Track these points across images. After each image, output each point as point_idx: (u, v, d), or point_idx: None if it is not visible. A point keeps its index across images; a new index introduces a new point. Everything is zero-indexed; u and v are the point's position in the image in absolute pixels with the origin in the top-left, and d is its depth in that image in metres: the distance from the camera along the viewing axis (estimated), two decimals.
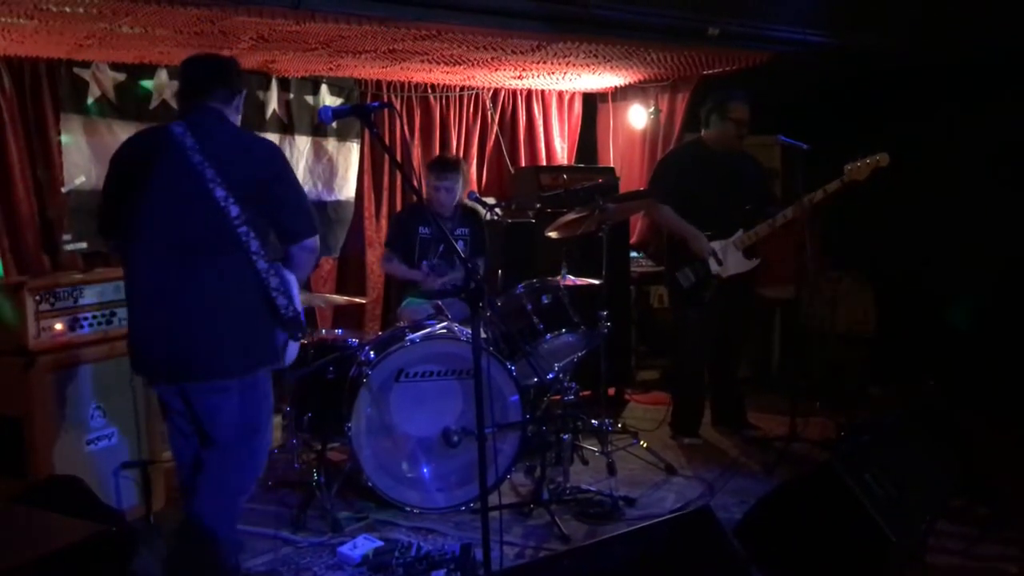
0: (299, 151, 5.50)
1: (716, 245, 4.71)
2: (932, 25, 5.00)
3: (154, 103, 4.88)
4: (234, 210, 2.78)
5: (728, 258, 4.71)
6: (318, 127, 5.54)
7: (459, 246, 4.64)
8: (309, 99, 5.53)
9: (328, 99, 5.58)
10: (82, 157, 4.69)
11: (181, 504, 3.24)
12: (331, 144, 5.64)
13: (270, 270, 2.84)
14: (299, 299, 3.00)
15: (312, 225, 2.96)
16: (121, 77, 4.80)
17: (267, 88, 5.31)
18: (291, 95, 5.45)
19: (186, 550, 2.99)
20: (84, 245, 4.70)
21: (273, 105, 5.34)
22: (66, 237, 4.66)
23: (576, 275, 4.47)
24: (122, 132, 4.74)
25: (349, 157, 5.73)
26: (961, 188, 5.32)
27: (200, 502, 2.96)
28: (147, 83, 4.87)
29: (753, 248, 4.78)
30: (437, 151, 5.98)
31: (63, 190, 4.64)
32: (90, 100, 4.69)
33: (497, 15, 4.19)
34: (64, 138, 4.63)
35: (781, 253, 4.91)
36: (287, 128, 5.45)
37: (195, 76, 2.99)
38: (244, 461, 3.01)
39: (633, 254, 6.09)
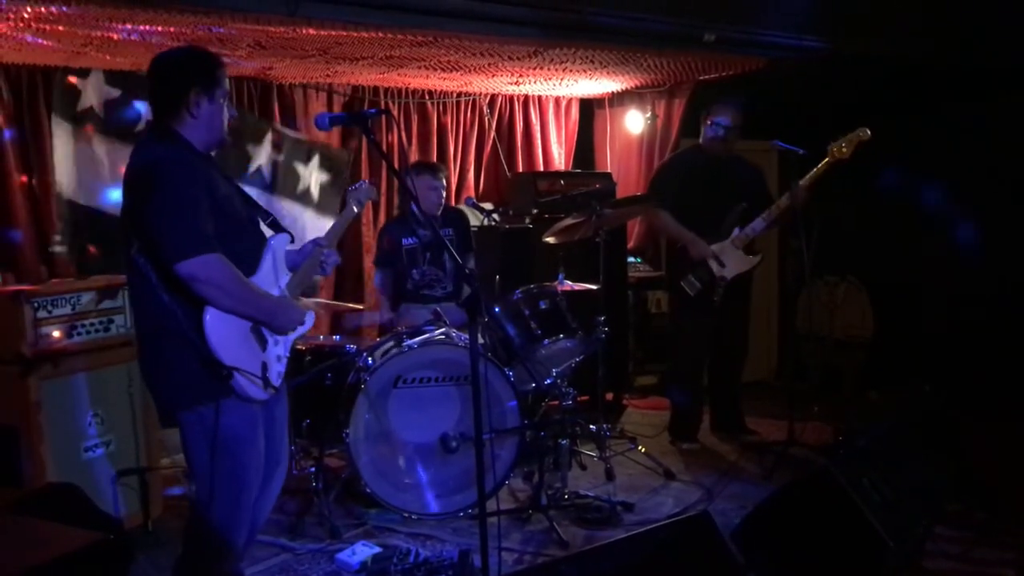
0: (276, 212, 5.36)
1: (716, 247, 4.72)
2: (928, 29, 5.02)
3: (139, 127, 4.78)
4: (131, 238, 2.62)
5: (729, 258, 4.72)
6: (301, 195, 5.40)
7: None
8: (299, 166, 5.39)
9: (316, 172, 5.45)
10: (68, 164, 4.65)
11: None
12: (309, 215, 5.48)
13: (173, 302, 2.57)
14: (220, 334, 2.59)
15: (182, 247, 2.48)
16: (115, 93, 4.73)
17: (259, 142, 5.21)
18: (282, 156, 5.30)
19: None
20: (63, 249, 4.66)
21: (260, 161, 5.22)
22: (56, 237, 4.62)
23: (574, 280, 4.48)
24: (102, 146, 4.69)
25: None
26: (958, 192, 5.33)
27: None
28: (141, 106, 4.77)
29: (752, 245, 4.79)
30: (434, 158, 5.98)
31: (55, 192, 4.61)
32: (79, 109, 4.66)
33: (494, 21, 4.19)
34: (56, 143, 4.60)
35: None
36: (269, 187, 5.29)
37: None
38: (203, 503, 2.73)
39: (630, 259, 6.09)
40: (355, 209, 3.31)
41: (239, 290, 2.62)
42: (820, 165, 4.46)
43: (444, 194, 4.76)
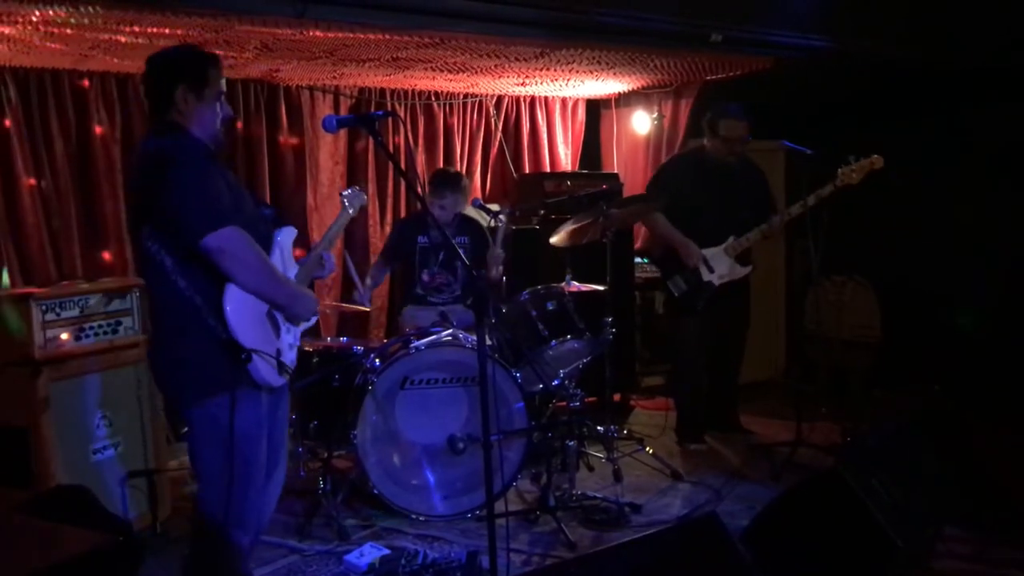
0: None
1: (707, 252, 4.69)
2: (933, 29, 5.01)
3: None
4: (142, 227, 2.63)
5: (719, 265, 4.70)
6: None
7: None
8: None
9: None
10: None
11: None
12: None
13: (190, 287, 2.56)
14: (239, 316, 2.59)
15: (207, 220, 2.48)
16: None
17: None
18: None
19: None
20: None
21: None
22: None
23: (580, 281, 4.47)
24: None
25: None
26: (964, 191, 5.32)
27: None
28: None
29: (747, 254, 4.77)
30: (441, 159, 5.98)
31: None
32: None
33: (500, 22, 4.19)
34: None
35: None
36: None
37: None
38: (212, 502, 2.72)
39: (637, 260, 6.09)
40: (350, 212, 3.34)
41: (263, 266, 2.63)
42: (826, 188, 4.42)
43: (451, 212, 4.65)
